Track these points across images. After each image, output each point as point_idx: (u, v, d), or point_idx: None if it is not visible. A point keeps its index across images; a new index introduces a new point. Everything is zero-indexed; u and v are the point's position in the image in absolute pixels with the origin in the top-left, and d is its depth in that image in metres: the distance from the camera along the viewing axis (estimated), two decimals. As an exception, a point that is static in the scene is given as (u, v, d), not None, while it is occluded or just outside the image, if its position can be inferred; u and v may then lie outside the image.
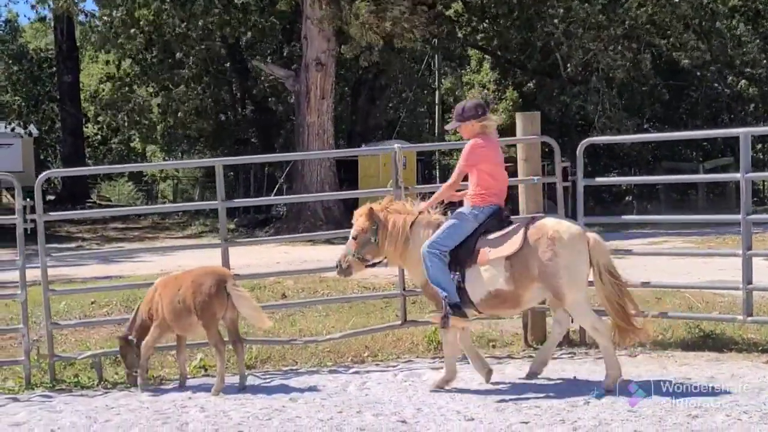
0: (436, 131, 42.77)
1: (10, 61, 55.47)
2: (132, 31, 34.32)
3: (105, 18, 33.57)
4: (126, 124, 41.38)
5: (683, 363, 9.40)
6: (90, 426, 7.94)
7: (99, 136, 51.84)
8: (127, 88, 39.57)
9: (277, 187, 34.95)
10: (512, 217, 9.04)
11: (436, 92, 45.65)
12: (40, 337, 10.18)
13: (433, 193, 9.05)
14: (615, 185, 40.92)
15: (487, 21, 36.57)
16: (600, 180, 15.26)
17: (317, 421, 7.68)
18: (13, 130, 43.11)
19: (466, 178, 8.69)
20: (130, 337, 9.30)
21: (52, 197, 39.84)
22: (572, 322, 9.23)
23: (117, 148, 55.83)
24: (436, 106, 44.63)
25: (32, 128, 47.42)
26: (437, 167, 42.34)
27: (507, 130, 38.41)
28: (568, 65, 31.95)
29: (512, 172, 9.57)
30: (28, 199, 9.93)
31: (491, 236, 8.41)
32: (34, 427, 7.99)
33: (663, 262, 15.25)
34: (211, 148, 44.28)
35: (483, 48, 39.54)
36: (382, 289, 14.11)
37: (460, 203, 8.84)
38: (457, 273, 8.40)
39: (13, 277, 16.50)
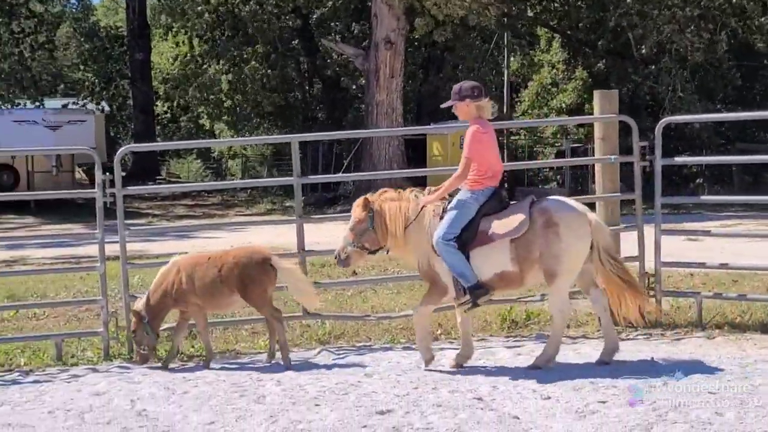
0: (505, 110, 42.49)
1: (83, 39, 56.29)
2: (200, 8, 34.58)
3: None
4: (195, 101, 41.76)
5: (762, 346, 9.25)
6: (169, 397, 8.05)
7: (168, 114, 52.34)
8: (196, 66, 39.89)
9: (345, 165, 35.01)
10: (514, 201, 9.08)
11: (505, 71, 45.34)
12: (116, 310, 10.31)
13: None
14: (686, 167, 40.34)
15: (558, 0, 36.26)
16: (679, 159, 15.00)
17: (393, 396, 7.70)
18: (84, 106, 43.75)
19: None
20: (143, 315, 9.29)
21: (123, 173, 40.35)
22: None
23: (186, 125, 56.36)
24: (505, 85, 44.31)
25: (104, 105, 48.12)
26: (505, 146, 42.08)
27: (575, 110, 38.09)
28: (642, 46, 31.50)
29: (584, 152, 9.50)
30: (107, 174, 10.07)
31: (494, 217, 8.47)
32: (114, 397, 8.11)
33: (740, 244, 15.02)
34: (279, 126, 44.49)
35: (553, 27, 39.18)
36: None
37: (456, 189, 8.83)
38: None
39: (85, 251, 16.97)
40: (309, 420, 7.11)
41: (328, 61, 40.35)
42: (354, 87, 41.23)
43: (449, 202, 8.65)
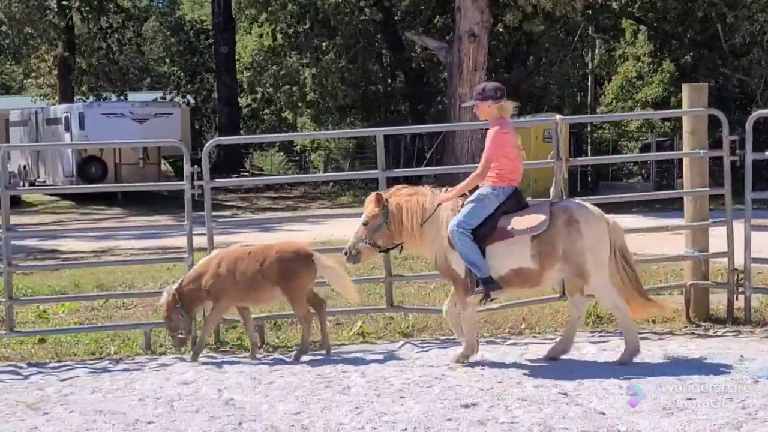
0: (588, 104, 42.08)
1: (169, 33, 57.15)
2: (283, 0, 34.85)
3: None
4: (278, 94, 42.11)
5: None
6: (255, 387, 8.16)
7: (252, 107, 52.85)
8: (280, 59, 40.24)
9: (427, 158, 35.01)
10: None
11: (589, 64, 44.89)
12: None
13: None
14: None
15: (644, -10, 35.75)
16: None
17: (478, 390, 7.71)
18: (171, 99, 44.46)
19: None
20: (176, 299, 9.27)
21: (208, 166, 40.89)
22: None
23: (269, 119, 56.84)
24: (588, 78, 43.88)
25: (189, 98, 48.81)
26: (588, 140, 41.71)
27: (660, 103, 37.47)
28: (736, 36, 30.86)
29: (669, 146, 9.40)
30: (195, 166, 10.22)
31: (514, 215, 8.48)
32: (202, 386, 8.26)
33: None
34: (362, 119, 44.64)
35: (639, 19, 38.64)
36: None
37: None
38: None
39: (171, 243, 17.25)
40: (394, 412, 7.15)
41: (412, 54, 40.35)
42: (437, 80, 41.18)
43: (468, 198, 8.66)
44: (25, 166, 37.91)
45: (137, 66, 53.62)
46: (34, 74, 50.22)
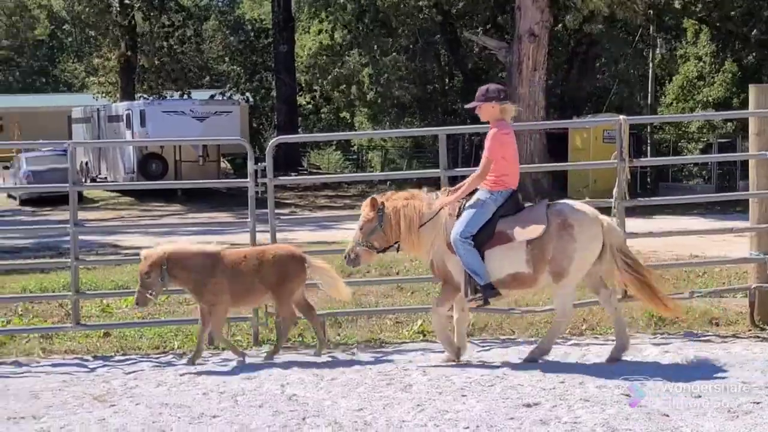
0: (649, 104, 41.68)
1: (228, 32, 57.60)
2: (342, 0, 34.96)
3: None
4: (337, 93, 42.25)
5: None
6: (317, 383, 8.22)
7: (310, 106, 53.08)
8: (338, 58, 40.37)
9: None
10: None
11: (650, 64, 44.45)
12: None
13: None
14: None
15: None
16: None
17: (540, 389, 7.70)
18: (230, 97, 44.82)
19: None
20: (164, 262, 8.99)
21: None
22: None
23: (326, 117, 57.10)
24: (649, 79, 43.44)
25: (248, 96, 49.14)
26: (648, 141, 41.33)
27: (722, 104, 36.94)
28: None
29: (730, 147, 9.31)
30: (259, 163, 10.32)
31: (511, 219, 8.54)
32: (265, 382, 8.34)
33: None
34: (419, 118, 44.64)
35: (702, 18, 38.20)
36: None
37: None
38: None
39: (230, 239, 17.38)
40: (456, 410, 7.17)
41: (469, 53, 40.29)
42: (493, 80, 41.06)
43: (466, 201, 8.70)
44: (87, 163, 38.46)
45: (197, 64, 54.07)
46: (96, 72, 50.94)
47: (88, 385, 8.48)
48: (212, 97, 44.17)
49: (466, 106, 9.36)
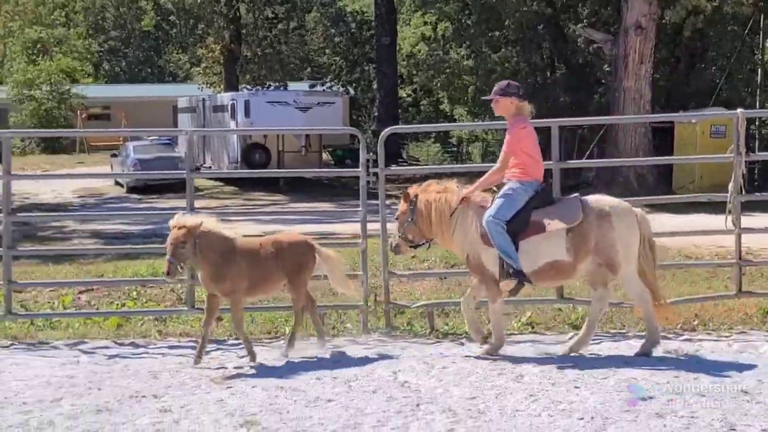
0: (758, 98, 40.71)
1: (329, 24, 58.07)
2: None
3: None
4: (439, 85, 42.18)
5: None
6: (428, 371, 8.28)
7: (410, 98, 53.18)
8: (442, 50, 40.33)
9: (588, 152, 34.54)
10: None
11: (760, 57, 43.38)
12: (371, 285, 10.62)
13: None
14: None
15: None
16: None
17: (653, 384, 7.64)
18: (331, 88, 45.16)
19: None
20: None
21: (369, 156, 41.43)
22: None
23: (425, 109, 57.11)
24: (758, 72, 42.41)
25: (348, 88, 49.47)
26: (756, 137, 40.39)
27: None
28: None
29: None
30: (371, 153, 10.42)
31: (546, 209, 8.63)
32: (377, 368, 8.44)
33: None
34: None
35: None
36: (706, 258, 13.89)
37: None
38: None
39: (338, 229, 17.57)
40: (569, 401, 7.17)
41: (573, 46, 39.86)
42: (597, 72, 40.56)
43: (497, 193, 8.75)
44: (192, 152, 39.08)
45: (298, 56, 54.61)
46: (200, 63, 51.83)
47: (204, 367, 8.67)
48: (312, 87, 44.51)
49: (483, 98, 9.45)
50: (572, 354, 8.83)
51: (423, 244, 9.24)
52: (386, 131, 10.77)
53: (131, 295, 12.32)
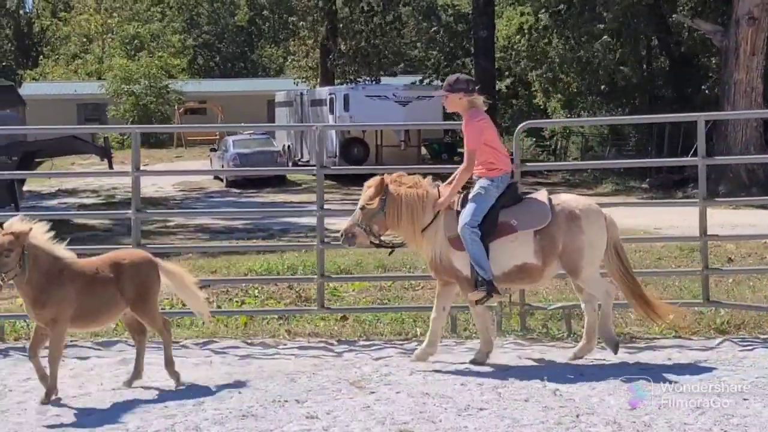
0: None
1: (420, 17, 57.67)
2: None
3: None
4: (535, 78, 41.59)
5: None
6: (577, 378, 7.89)
7: (507, 91, 52.55)
8: (542, 42, 39.73)
9: (694, 148, 33.71)
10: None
11: None
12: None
13: None
14: None
15: None
16: None
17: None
18: (430, 83, 44.81)
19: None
20: None
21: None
22: None
23: (517, 103, 56.40)
24: None
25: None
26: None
27: None
28: None
29: None
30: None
31: (514, 209, 8.35)
32: (523, 374, 8.06)
33: None
34: (619, 104, 43.45)
35: None
36: None
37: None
38: None
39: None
40: (742, 414, 6.73)
41: (678, 37, 38.93)
42: (703, 64, 39.56)
43: (467, 193, 8.41)
44: (289, 146, 39.15)
45: (392, 50, 54.33)
46: (294, 57, 51.90)
47: (340, 370, 8.40)
48: (413, 83, 44.31)
49: (433, 94, 9.06)
50: (575, 360, 8.48)
51: (386, 245, 8.83)
52: (521, 126, 10.42)
53: (250, 293, 12.09)
